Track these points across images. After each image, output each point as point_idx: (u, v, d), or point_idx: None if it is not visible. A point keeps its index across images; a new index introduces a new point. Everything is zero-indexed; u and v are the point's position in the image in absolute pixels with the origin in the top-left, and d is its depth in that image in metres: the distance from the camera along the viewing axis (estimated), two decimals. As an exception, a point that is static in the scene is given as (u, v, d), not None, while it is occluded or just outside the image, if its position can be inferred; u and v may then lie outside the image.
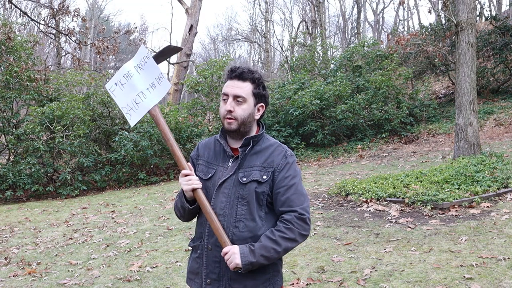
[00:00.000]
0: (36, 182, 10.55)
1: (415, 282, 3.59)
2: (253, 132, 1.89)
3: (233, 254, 1.71)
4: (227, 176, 1.82)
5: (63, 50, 20.11)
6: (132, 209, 8.04)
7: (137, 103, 1.94)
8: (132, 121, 1.95)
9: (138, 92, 1.95)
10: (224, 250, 1.75)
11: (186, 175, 1.83)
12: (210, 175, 1.87)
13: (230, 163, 1.86)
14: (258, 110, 1.88)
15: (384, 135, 12.57)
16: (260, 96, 1.86)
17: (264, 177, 1.79)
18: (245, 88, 1.81)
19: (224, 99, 1.83)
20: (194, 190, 1.81)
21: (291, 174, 1.82)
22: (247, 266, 1.71)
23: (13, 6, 12.98)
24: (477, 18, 17.83)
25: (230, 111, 1.80)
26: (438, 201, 5.60)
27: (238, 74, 1.82)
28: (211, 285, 1.81)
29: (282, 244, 1.73)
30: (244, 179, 1.80)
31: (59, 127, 10.72)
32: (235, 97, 1.81)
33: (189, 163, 1.91)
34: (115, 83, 1.98)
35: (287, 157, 1.84)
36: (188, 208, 1.87)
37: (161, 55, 2.07)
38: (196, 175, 1.89)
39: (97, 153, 11.83)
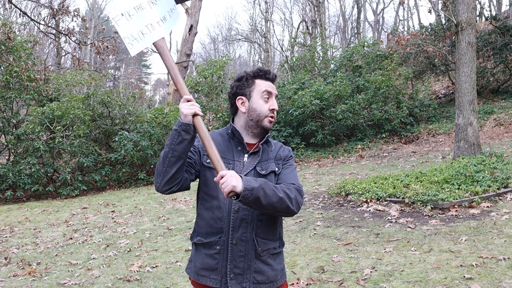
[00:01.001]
0: (36, 182, 10.55)
1: (415, 282, 3.59)
2: None
3: (233, 177, 1.64)
4: (248, 170, 1.86)
5: (63, 50, 20.11)
6: (132, 209, 8.04)
7: (144, 34, 1.94)
8: (134, 50, 1.94)
9: (147, 23, 1.95)
10: (221, 173, 1.66)
11: (189, 100, 1.81)
12: None
13: (245, 158, 1.90)
14: None
15: (384, 135, 12.57)
16: None
17: (276, 169, 1.92)
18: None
19: (266, 98, 1.91)
20: (195, 115, 1.78)
21: (292, 164, 1.99)
22: (247, 192, 1.63)
23: (13, 6, 12.98)
24: (477, 18, 17.85)
25: (276, 110, 1.93)
26: (438, 201, 5.60)
27: (273, 77, 1.96)
28: (234, 280, 1.81)
29: (281, 193, 1.73)
30: (263, 172, 1.88)
31: (59, 127, 10.72)
32: (276, 97, 1.96)
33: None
34: (122, 14, 1.95)
35: (290, 151, 2.04)
36: (187, 130, 1.75)
37: None
38: (204, 166, 1.89)
39: (97, 153, 11.83)
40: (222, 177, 1.65)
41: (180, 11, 2.03)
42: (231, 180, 1.63)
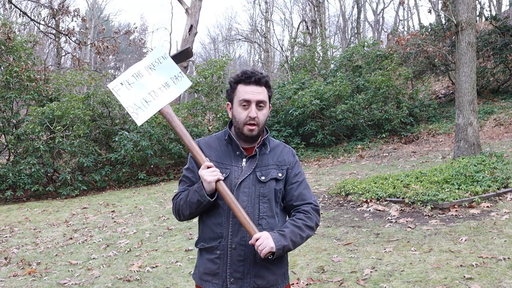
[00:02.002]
0: (36, 182, 10.55)
1: (415, 282, 3.59)
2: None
3: (266, 239, 1.72)
4: (245, 176, 1.85)
5: (63, 50, 20.12)
6: (132, 209, 8.04)
7: (148, 102, 1.93)
8: (140, 120, 1.93)
9: (149, 91, 1.94)
10: (255, 236, 1.73)
11: (209, 167, 1.81)
12: (225, 175, 1.86)
13: (243, 163, 1.88)
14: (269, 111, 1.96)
15: (384, 135, 12.57)
16: (270, 98, 1.93)
17: (280, 174, 1.89)
18: (263, 93, 1.86)
19: (245, 106, 1.84)
20: (217, 181, 1.79)
21: (300, 171, 1.96)
22: (279, 251, 1.74)
23: (13, 6, 12.98)
24: (477, 18, 17.84)
25: (253, 118, 1.83)
26: (438, 201, 5.60)
27: (257, 79, 1.84)
28: (235, 284, 1.82)
29: (305, 231, 1.84)
30: (263, 178, 1.86)
31: (59, 127, 10.72)
32: (258, 103, 1.84)
33: (207, 158, 1.88)
34: (121, 83, 1.95)
35: (294, 156, 1.98)
36: (208, 201, 1.80)
37: (179, 57, 2.08)
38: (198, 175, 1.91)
39: (97, 153, 11.83)
40: (257, 240, 1.73)
41: (187, 80, 1.98)
42: (267, 242, 1.72)
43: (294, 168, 1.93)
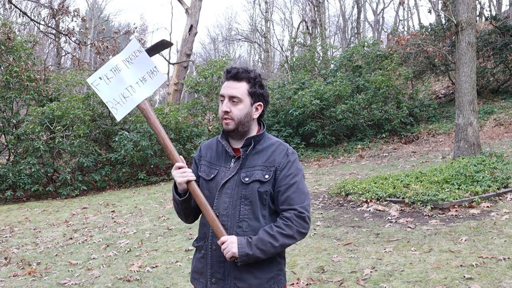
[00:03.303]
0: (36, 182, 10.55)
1: (415, 282, 3.59)
2: (254, 131, 1.90)
3: (231, 244, 1.73)
4: (229, 177, 1.83)
5: (63, 50, 20.11)
6: (132, 209, 8.04)
7: (125, 97, 1.92)
8: (119, 115, 1.93)
9: (126, 86, 1.93)
10: (222, 239, 1.75)
11: (180, 168, 1.84)
12: (212, 176, 1.87)
13: (232, 164, 1.86)
14: (256, 109, 1.88)
15: (384, 135, 12.57)
16: (257, 95, 1.86)
17: (266, 176, 1.80)
18: (240, 89, 1.82)
19: (222, 100, 1.85)
20: (188, 182, 1.82)
21: (292, 173, 1.82)
22: (243, 257, 1.72)
23: (13, 6, 12.98)
24: (477, 18, 17.83)
25: (226, 112, 1.82)
26: (438, 201, 5.60)
27: (233, 74, 1.83)
28: (216, 284, 1.82)
29: (280, 240, 1.74)
30: (247, 179, 1.80)
31: (59, 127, 10.72)
32: (231, 98, 1.82)
33: (181, 156, 1.91)
34: (100, 77, 1.93)
35: (289, 155, 1.84)
36: (178, 200, 1.87)
37: (155, 49, 2.06)
38: (198, 176, 1.92)
39: (97, 153, 11.83)
40: (223, 243, 1.75)
41: (162, 75, 1.98)
42: (231, 247, 1.73)
43: (285, 170, 1.81)
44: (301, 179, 1.84)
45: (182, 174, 1.82)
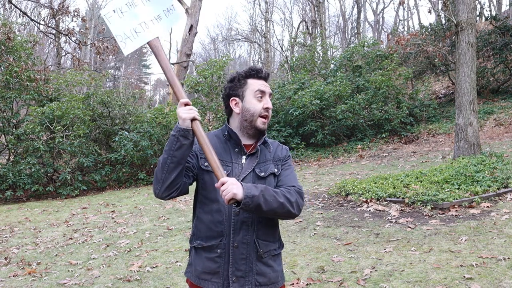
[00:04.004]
0: (36, 182, 10.55)
1: (415, 282, 3.59)
2: None
3: (231, 185, 1.64)
4: (247, 173, 1.84)
5: (63, 50, 20.10)
6: (132, 209, 8.04)
7: (137, 33, 1.89)
8: (127, 50, 1.89)
9: (140, 21, 1.90)
10: (222, 179, 1.66)
11: (186, 104, 1.78)
12: (227, 173, 1.84)
13: (243, 160, 1.88)
14: None
15: (384, 135, 12.57)
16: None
17: (276, 170, 1.91)
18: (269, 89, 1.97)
19: (260, 97, 1.88)
20: (193, 119, 1.76)
21: (291, 165, 1.99)
22: (247, 200, 1.64)
23: (13, 6, 12.98)
24: (477, 18, 17.84)
25: (268, 108, 1.89)
26: (438, 201, 5.60)
27: (265, 75, 1.93)
28: (237, 282, 1.80)
29: (281, 198, 1.75)
30: (262, 174, 1.86)
31: (59, 127, 10.72)
32: (270, 95, 1.93)
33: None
34: (114, 10, 1.91)
35: (288, 151, 2.04)
36: (179, 133, 1.72)
37: None
38: (203, 169, 1.86)
39: (97, 153, 11.83)
40: (222, 184, 1.65)
41: (179, 12, 1.98)
42: (232, 187, 1.63)
43: (286, 162, 1.97)
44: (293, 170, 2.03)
45: (189, 110, 1.75)
